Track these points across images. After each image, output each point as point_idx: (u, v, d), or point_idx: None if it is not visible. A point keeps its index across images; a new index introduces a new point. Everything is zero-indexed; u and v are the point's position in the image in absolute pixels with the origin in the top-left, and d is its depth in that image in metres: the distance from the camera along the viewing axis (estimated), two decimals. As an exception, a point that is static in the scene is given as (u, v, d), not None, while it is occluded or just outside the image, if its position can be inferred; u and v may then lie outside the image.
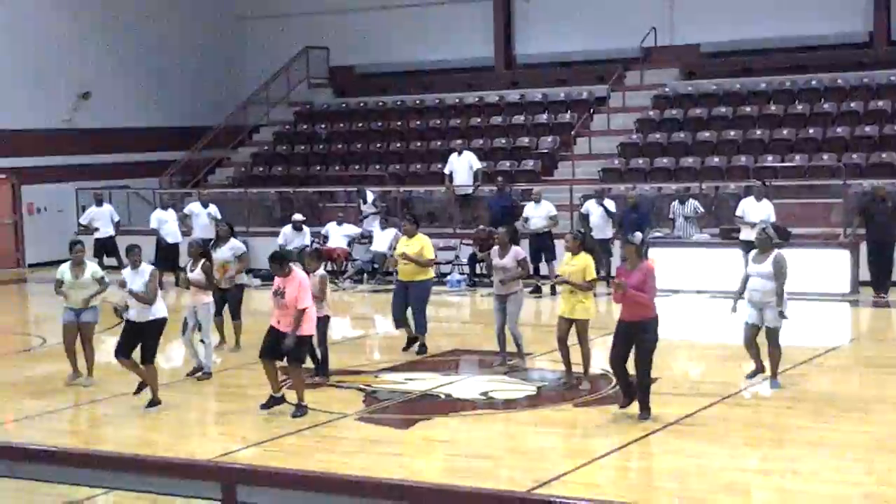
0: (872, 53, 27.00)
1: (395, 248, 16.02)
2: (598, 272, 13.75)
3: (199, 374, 14.48)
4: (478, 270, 22.99)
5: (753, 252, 13.32)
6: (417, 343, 15.84)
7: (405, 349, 15.92)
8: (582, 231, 13.80)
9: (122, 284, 13.12)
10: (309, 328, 12.44)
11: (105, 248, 24.36)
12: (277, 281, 12.42)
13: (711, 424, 11.85)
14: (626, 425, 11.68)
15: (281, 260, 12.58)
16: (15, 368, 16.28)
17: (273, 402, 12.46)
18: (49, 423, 12.86)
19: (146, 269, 13.08)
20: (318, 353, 14.10)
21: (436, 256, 16.20)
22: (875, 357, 15.66)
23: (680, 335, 17.98)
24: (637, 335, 11.64)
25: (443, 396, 13.57)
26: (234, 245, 16.07)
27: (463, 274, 23.30)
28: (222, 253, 15.78)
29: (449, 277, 23.21)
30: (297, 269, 12.57)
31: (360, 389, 13.91)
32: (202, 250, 14.68)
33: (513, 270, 14.35)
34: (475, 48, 31.36)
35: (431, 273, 16.13)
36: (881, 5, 27.02)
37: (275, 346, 12.28)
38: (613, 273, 14.34)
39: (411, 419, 12.41)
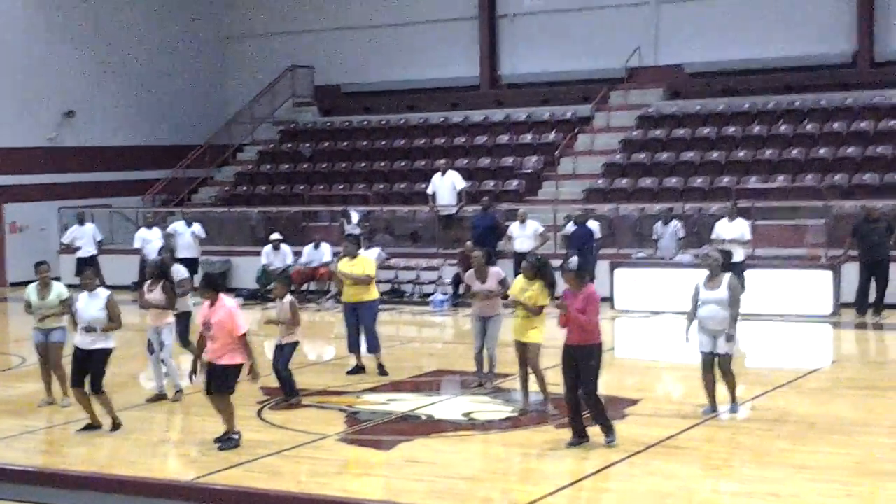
0: (856, 75, 27.15)
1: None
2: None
3: (161, 395, 14.42)
4: (461, 291, 22.95)
5: (703, 278, 12.95)
6: (377, 364, 15.83)
7: (350, 373, 15.84)
8: (539, 257, 13.73)
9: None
10: (241, 356, 12.02)
11: (87, 266, 24.23)
12: (205, 312, 12.03)
13: (693, 446, 11.85)
14: (607, 447, 11.64)
15: (211, 284, 12.23)
16: (-6, 387, 16.21)
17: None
18: (27, 442, 12.79)
19: (102, 293, 12.89)
20: (283, 376, 14.02)
21: (376, 274, 16.11)
22: (857, 379, 15.66)
23: (662, 357, 18.01)
24: (581, 360, 11.58)
25: (424, 417, 13.54)
26: (177, 269, 15.65)
27: (446, 294, 23.27)
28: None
29: (432, 298, 23.19)
30: (223, 297, 12.13)
31: (342, 410, 13.86)
32: (161, 270, 14.55)
33: (496, 292, 14.41)
34: (460, 68, 31.44)
35: (377, 293, 16.05)
36: (864, 27, 27.18)
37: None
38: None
39: (393, 440, 12.37)
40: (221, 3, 34.28)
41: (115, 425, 12.88)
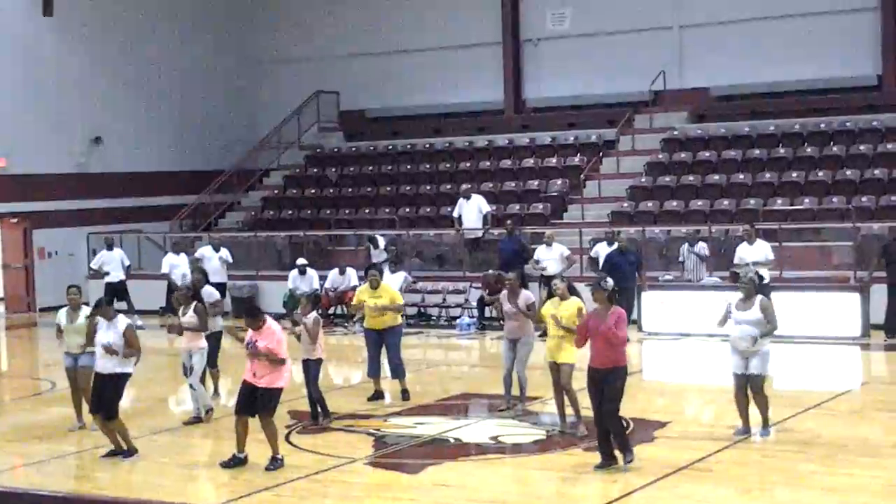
0: (882, 96, 27.06)
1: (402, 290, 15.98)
2: None
3: (197, 417, 14.53)
4: (487, 314, 22.95)
5: (737, 299, 12.95)
6: (401, 390, 15.82)
7: (371, 399, 15.77)
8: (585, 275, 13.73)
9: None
10: (283, 381, 12.24)
11: (116, 292, 24.31)
12: (250, 333, 12.22)
13: (722, 469, 11.79)
14: (636, 470, 11.60)
15: (255, 313, 12.38)
16: (24, 412, 16.30)
17: (235, 461, 12.32)
18: (57, 467, 12.85)
19: (121, 322, 12.93)
20: (315, 396, 14.10)
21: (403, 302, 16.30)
22: (887, 401, 15.56)
23: (691, 378, 17.96)
24: (608, 381, 11.56)
25: (452, 440, 13.53)
26: (208, 292, 15.70)
27: (472, 317, 23.26)
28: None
29: (459, 321, 23.18)
30: (270, 321, 12.34)
31: (370, 434, 13.88)
32: (193, 293, 14.69)
33: (521, 311, 14.39)
34: (485, 92, 31.52)
35: (401, 318, 16.18)
36: (890, 48, 27.12)
37: (251, 402, 12.16)
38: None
39: (421, 463, 12.36)
40: (247, 28, 34.47)
41: (129, 451, 12.90)
